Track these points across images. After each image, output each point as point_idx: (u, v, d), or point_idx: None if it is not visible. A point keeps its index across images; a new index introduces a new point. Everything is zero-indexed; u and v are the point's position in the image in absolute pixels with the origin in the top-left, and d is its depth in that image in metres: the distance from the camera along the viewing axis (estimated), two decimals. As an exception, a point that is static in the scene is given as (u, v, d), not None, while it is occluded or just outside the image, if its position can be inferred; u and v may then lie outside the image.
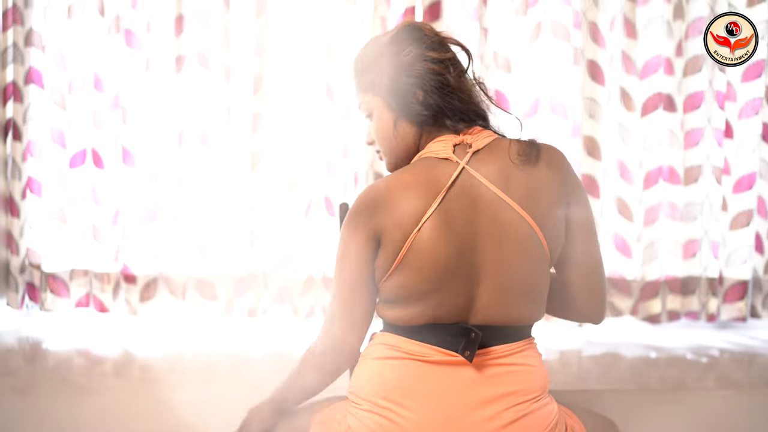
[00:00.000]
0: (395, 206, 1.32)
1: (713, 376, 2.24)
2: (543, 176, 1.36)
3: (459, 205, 1.33)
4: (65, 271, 2.60)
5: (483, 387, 1.33)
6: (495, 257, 1.33)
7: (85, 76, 2.54)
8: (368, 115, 1.45)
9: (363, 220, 1.34)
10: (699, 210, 2.49)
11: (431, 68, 1.38)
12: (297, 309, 2.55)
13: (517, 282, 1.35)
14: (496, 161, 1.35)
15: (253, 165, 2.50)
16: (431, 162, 1.36)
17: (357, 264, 1.37)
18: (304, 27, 2.50)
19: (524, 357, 1.39)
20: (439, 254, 1.31)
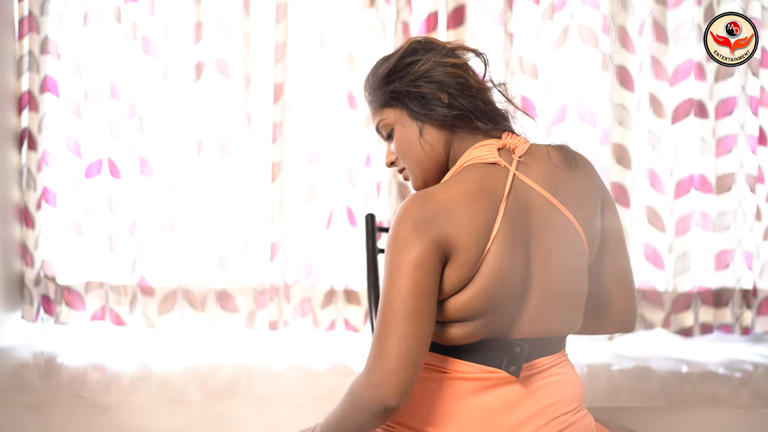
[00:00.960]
0: (463, 218, 1.21)
1: (748, 392, 2.17)
2: (584, 182, 1.35)
3: (516, 213, 1.26)
4: (81, 284, 2.56)
5: (526, 403, 1.28)
6: (544, 266, 1.28)
7: (102, 84, 2.50)
8: (388, 135, 1.39)
9: (428, 227, 1.19)
10: (732, 219, 2.42)
11: (451, 72, 1.33)
12: (318, 322, 2.50)
13: (563, 291, 1.30)
14: (541, 165, 1.31)
15: (274, 175, 2.45)
16: (482, 168, 1.28)
17: (427, 274, 1.19)
18: (325, 33, 2.45)
19: (562, 368, 1.35)
20: (505, 269, 1.23)
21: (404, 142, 1.36)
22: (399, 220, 1.21)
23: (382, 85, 1.36)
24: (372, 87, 1.39)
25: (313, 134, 2.47)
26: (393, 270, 1.19)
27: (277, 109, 2.43)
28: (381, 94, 1.37)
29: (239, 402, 2.09)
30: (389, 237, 1.22)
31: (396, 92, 1.34)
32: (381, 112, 1.38)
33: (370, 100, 1.41)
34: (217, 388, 2.18)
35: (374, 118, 1.41)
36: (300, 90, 2.47)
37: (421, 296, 1.18)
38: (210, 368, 2.33)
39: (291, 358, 2.41)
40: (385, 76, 1.36)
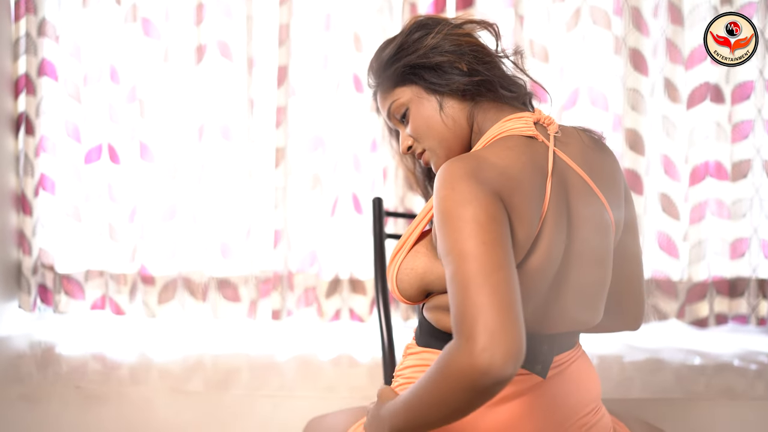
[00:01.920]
0: (519, 189, 1.08)
1: (764, 384, 2.12)
2: (612, 166, 1.28)
3: (560, 193, 1.16)
4: (80, 272, 2.50)
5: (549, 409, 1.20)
6: (581, 254, 1.19)
7: (101, 67, 2.43)
8: (401, 117, 1.30)
9: (490, 183, 1.05)
10: (748, 207, 2.36)
11: (467, 41, 1.25)
12: (323, 311, 2.44)
13: (593, 283, 1.22)
14: (575, 145, 1.23)
15: (278, 160, 2.39)
16: (522, 141, 1.17)
17: (504, 226, 1.03)
18: (331, 15, 2.38)
19: (580, 363, 1.28)
20: (553, 254, 1.13)
21: (423, 119, 1.26)
22: (453, 178, 1.05)
23: (391, 64, 1.28)
24: (379, 69, 1.31)
25: (318, 119, 2.40)
26: (465, 224, 1.01)
27: (280, 93, 2.37)
28: (391, 73, 1.28)
29: (241, 393, 2.04)
30: (445, 198, 1.04)
31: (409, 67, 1.26)
32: (392, 93, 1.29)
33: (378, 83, 1.33)
34: (219, 379, 2.13)
35: (384, 102, 1.32)
36: (304, 73, 2.40)
37: (504, 247, 1.01)
38: (211, 358, 2.28)
39: (294, 349, 2.36)
40: (393, 55, 1.28)
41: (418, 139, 1.28)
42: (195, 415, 2.02)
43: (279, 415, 1.98)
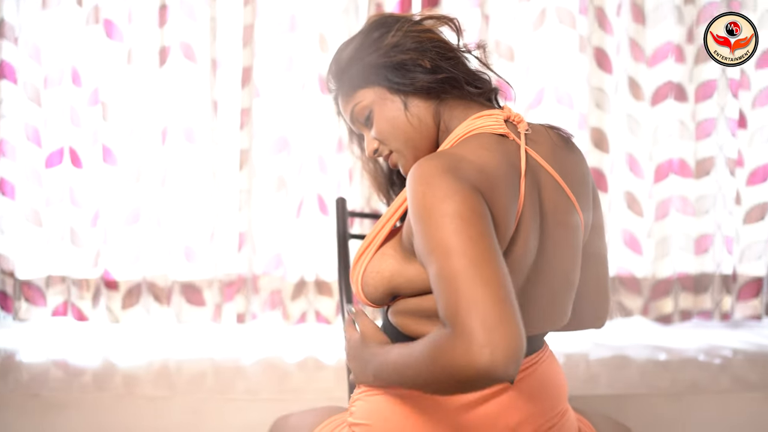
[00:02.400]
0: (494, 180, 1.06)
1: (727, 377, 2.15)
2: (581, 165, 1.26)
3: (533, 193, 1.14)
4: (41, 278, 2.46)
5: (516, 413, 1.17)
6: (551, 256, 1.17)
7: (62, 70, 2.40)
8: (365, 120, 1.25)
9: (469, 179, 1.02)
10: (711, 204, 2.39)
11: (428, 36, 1.22)
12: (288, 314, 2.43)
13: (566, 284, 1.21)
14: (545, 143, 1.21)
15: (242, 162, 2.38)
16: (493, 138, 1.15)
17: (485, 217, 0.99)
18: (295, 16, 2.37)
19: (549, 363, 1.27)
20: (528, 256, 1.12)
21: (388, 121, 1.22)
22: (429, 175, 1.02)
23: (351, 65, 1.24)
24: (338, 72, 1.27)
25: (283, 120, 2.39)
26: (447, 219, 0.97)
27: (245, 94, 2.36)
28: (351, 75, 1.24)
29: (206, 397, 2.03)
30: (423, 194, 1.01)
31: (370, 67, 1.22)
32: (354, 95, 1.25)
33: (338, 87, 1.28)
34: (184, 384, 2.11)
35: (346, 106, 1.28)
36: (269, 75, 2.39)
37: (491, 241, 0.97)
38: (176, 363, 2.27)
39: (260, 352, 2.34)
40: (353, 56, 1.24)
41: (384, 141, 1.25)
42: (160, 421, 2.00)
43: (244, 418, 1.97)
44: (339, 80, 1.28)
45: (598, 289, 1.35)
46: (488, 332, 0.87)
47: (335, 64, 1.28)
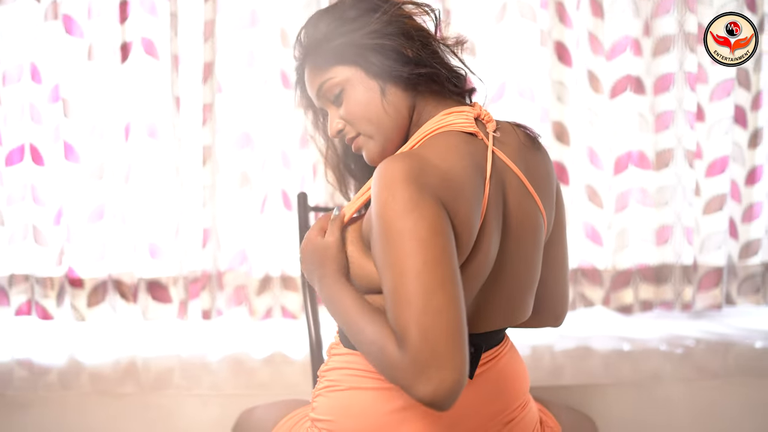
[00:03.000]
0: (458, 191, 1.06)
1: (689, 366, 2.19)
2: (546, 165, 1.27)
3: (497, 193, 1.15)
4: (4, 277, 2.44)
5: (478, 407, 1.19)
6: (513, 255, 1.19)
7: (21, 66, 2.37)
8: (335, 97, 1.21)
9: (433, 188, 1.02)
10: (671, 195, 2.42)
11: (414, 24, 1.19)
12: (254, 310, 2.43)
13: (527, 282, 1.23)
14: (512, 143, 1.21)
15: (205, 158, 2.37)
16: (463, 138, 1.15)
17: (449, 239, 1.00)
18: (256, 10, 2.36)
19: (510, 356, 1.28)
20: (490, 256, 1.12)
21: (361, 104, 1.19)
22: (394, 182, 1.02)
23: (329, 39, 1.19)
24: (311, 43, 1.21)
25: (245, 116, 2.38)
26: (406, 239, 0.98)
27: (206, 90, 2.35)
28: (328, 49, 1.19)
29: (173, 393, 2.03)
30: (385, 204, 1.01)
31: (351, 46, 1.17)
32: (327, 70, 1.20)
33: (307, 57, 1.22)
34: (151, 381, 2.12)
35: (314, 79, 1.22)
36: (231, 70, 2.38)
37: (448, 264, 0.98)
38: (143, 360, 2.27)
39: (226, 348, 2.35)
40: (331, 29, 1.19)
41: (353, 123, 1.21)
42: (127, 418, 2.00)
43: (211, 413, 1.98)
44: (310, 51, 1.22)
45: (557, 289, 1.38)
46: (437, 369, 0.91)
47: (309, 33, 1.22)
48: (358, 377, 1.19)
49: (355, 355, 1.20)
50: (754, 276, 2.52)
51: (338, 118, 1.23)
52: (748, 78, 2.40)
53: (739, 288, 2.52)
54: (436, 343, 0.92)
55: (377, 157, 1.22)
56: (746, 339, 2.39)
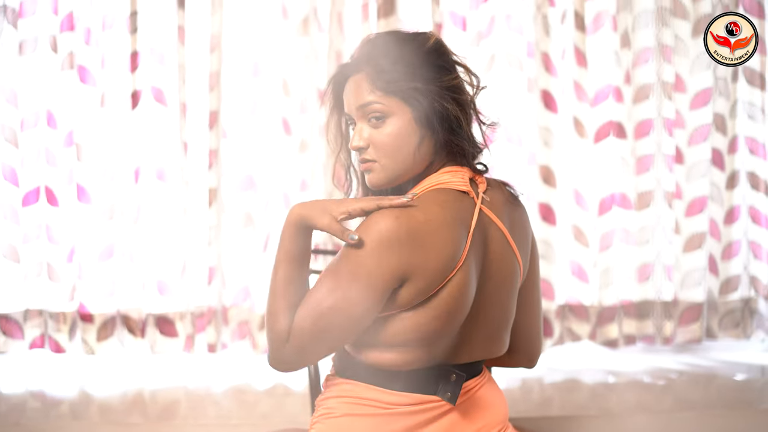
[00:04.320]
0: (434, 245, 1.22)
1: (671, 398, 2.28)
2: (525, 220, 1.42)
3: (477, 244, 1.30)
4: (19, 312, 2.54)
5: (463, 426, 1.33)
6: (493, 298, 1.34)
7: (38, 112, 2.50)
8: (374, 118, 1.29)
9: (397, 250, 1.20)
10: (651, 234, 2.54)
11: (467, 99, 1.33)
12: (257, 344, 2.54)
13: (503, 320, 1.37)
14: (499, 201, 1.36)
15: (210, 200, 2.50)
16: (455, 195, 1.30)
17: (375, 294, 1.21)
18: (259, 62, 2.51)
19: (489, 387, 1.42)
20: (465, 297, 1.27)
21: (396, 140, 1.28)
22: (380, 239, 1.20)
23: (396, 72, 1.27)
24: (381, 65, 1.28)
25: (249, 160, 2.52)
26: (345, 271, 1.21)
27: (212, 136, 2.48)
28: (393, 80, 1.26)
29: (181, 423, 2.12)
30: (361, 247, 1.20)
31: (417, 91, 1.26)
32: (382, 95, 1.27)
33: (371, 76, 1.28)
34: (158, 411, 2.21)
35: (363, 93, 1.29)
36: (235, 117, 2.52)
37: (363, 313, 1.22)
38: (150, 392, 2.37)
39: (230, 380, 2.45)
40: (403, 65, 1.27)
41: (377, 149, 1.29)
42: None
43: None
44: (372, 68, 1.28)
45: (531, 329, 1.50)
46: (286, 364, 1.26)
47: (380, 53, 1.29)
48: (353, 404, 1.32)
49: (350, 383, 1.34)
50: (734, 311, 2.62)
51: (365, 137, 1.30)
52: (724, 123, 2.53)
53: (720, 322, 2.62)
54: (301, 348, 1.23)
55: (380, 185, 1.33)
56: (726, 371, 2.50)
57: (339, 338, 1.24)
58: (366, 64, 1.30)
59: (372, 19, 2.49)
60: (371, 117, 1.29)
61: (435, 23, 2.48)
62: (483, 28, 2.51)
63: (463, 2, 2.52)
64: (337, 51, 2.48)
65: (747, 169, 2.58)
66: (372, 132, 1.29)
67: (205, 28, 2.50)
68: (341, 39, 2.49)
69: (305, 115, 2.49)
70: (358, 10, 2.50)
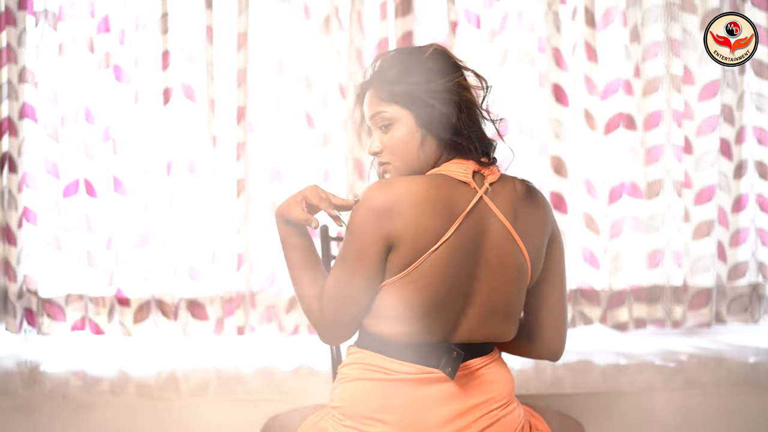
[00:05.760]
0: (413, 218, 1.34)
1: (681, 378, 2.34)
2: (540, 216, 1.49)
3: (472, 231, 1.40)
4: (61, 296, 2.69)
5: (460, 400, 1.44)
6: (489, 284, 1.43)
7: (77, 109, 2.64)
8: (384, 126, 1.44)
9: (379, 224, 1.35)
10: (661, 222, 2.61)
11: (467, 97, 1.44)
12: (283, 326, 2.65)
13: (503, 306, 1.46)
14: (507, 196, 1.45)
15: (239, 191, 2.61)
16: (450, 182, 1.40)
17: (371, 260, 1.37)
18: (283, 59, 2.62)
19: (494, 366, 1.51)
20: (447, 277, 1.38)
21: (402, 143, 1.42)
22: (357, 209, 1.37)
23: (398, 81, 1.41)
24: (385, 77, 1.43)
25: (274, 152, 2.64)
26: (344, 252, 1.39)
27: (240, 130, 2.61)
28: (394, 89, 1.41)
29: (210, 399, 2.24)
30: (350, 218, 1.38)
31: (413, 96, 1.40)
32: (387, 105, 1.42)
33: (377, 88, 1.44)
34: (190, 389, 2.32)
35: (372, 105, 1.45)
36: (261, 112, 2.64)
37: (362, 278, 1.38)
38: (183, 372, 2.46)
39: (258, 361, 2.56)
40: (404, 74, 1.42)
41: (390, 154, 1.45)
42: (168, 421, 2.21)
43: (242, 417, 2.15)
44: (378, 82, 1.44)
45: (554, 326, 1.59)
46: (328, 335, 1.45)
47: (384, 68, 1.44)
48: (363, 370, 1.46)
49: (362, 352, 1.48)
50: (743, 296, 2.70)
51: (379, 143, 1.46)
52: (732, 114, 2.61)
53: (729, 307, 2.70)
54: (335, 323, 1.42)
55: None
56: (735, 354, 2.56)
57: (357, 305, 1.41)
58: (374, 79, 1.46)
59: (390, 18, 2.60)
60: (381, 125, 1.45)
61: (450, 21, 2.58)
62: (496, 25, 2.60)
63: (477, 1, 2.62)
64: (357, 48, 2.59)
65: (755, 159, 2.64)
66: (383, 138, 1.45)
67: (232, 27, 2.62)
68: (361, 37, 2.60)
69: (327, 109, 2.61)
70: (377, 9, 2.61)
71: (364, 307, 1.42)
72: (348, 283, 1.39)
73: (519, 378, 2.31)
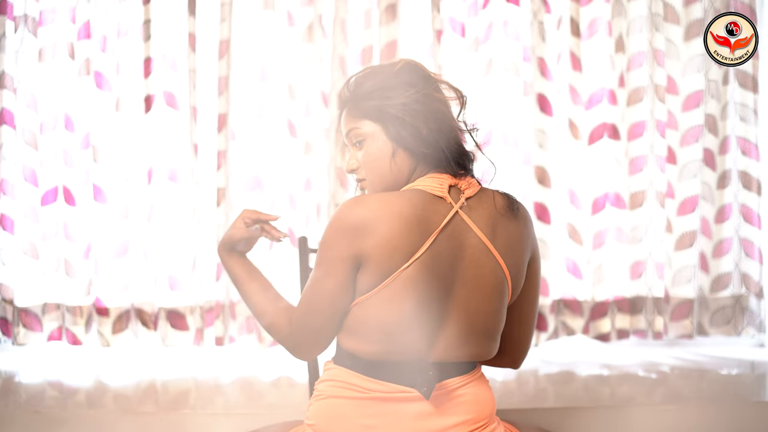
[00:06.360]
0: (385, 234, 1.32)
1: (662, 391, 2.33)
2: (520, 231, 1.45)
3: (447, 247, 1.37)
4: (38, 306, 2.66)
5: (435, 419, 1.40)
6: (466, 301, 1.40)
7: (56, 116, 2.62)
8: (357, 142, 1.43)
9: (349, 242, 1.33)
10: (644, 233, 2.62)
11: (438, 108, 1.41)
12: (263, 337, 2.64)
13: (481, 324, 1.42)
14: (485, 210, 1.41)
15: (219, 200, 2.60)
16: (425, 197, 1.38)
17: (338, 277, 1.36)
18: (266, 67, 2.61)
19: (475, 386, 1.47)
20: (419, 294, 1.35)
21: (375, 157, 1.41)
22: (330, 224, 1.37)
23: (369, 98, 1.40)
24: (357, 95, 1.43)
25: (256, 161, 2.62)
26: (316, 266, 1.39)
27: (221, 138, 2.59)
28: (365, 105, 1.41)
29: (189, 412, 2.20)
30: (323, 233, 1.38)
31: (381, 109, 1.39)
32: (358, 121, 1.42)
33: (350, 107, 1.44)
34: (169, 401, 2.29)
35: (347, 122, 1.44)
36: (243, 120, 2.63)
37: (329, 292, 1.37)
38: (162, 383, 2.44)
39: (238, 372, 2.54)
40: (374, 90, 1.41)
41: (365, 170, 1.43)
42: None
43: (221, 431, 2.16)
44: (351, 100, 1.44)
45: (521, 337, 1.57)
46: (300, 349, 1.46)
47: (356, 86, 1.44)
48: (337, 388, 1.43)
49: (338, 369, 1.45)
50: (725, 308, 2.69)
51: (355, 160, 1.45)
52: (715, 124, 2.61)
53: (711, 319, 2.70)
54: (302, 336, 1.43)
55: None
56: (717, 366, 2.55)
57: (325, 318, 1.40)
58: (347, 99, 1.46)
59: (374, 26, 2.59)
60: (355, 141, 1.45)
61: (435, 30, 2.58)
62: (481, 34, 2.60)
63: (462, 9, 2.62)
64: (341, 56, 2.58)
65: (739, 168, 2.65)
66: (358, 154, 1.45)
67: (215, 35, 2.61)
68: (344, 45, 2.59)
69: (310, 117, 2.60)
70: (361, 17, 2.60)
71: (333, 322, 1.40)
72: (315, 295, 1.39)
73: (501, 391, 2.30)
